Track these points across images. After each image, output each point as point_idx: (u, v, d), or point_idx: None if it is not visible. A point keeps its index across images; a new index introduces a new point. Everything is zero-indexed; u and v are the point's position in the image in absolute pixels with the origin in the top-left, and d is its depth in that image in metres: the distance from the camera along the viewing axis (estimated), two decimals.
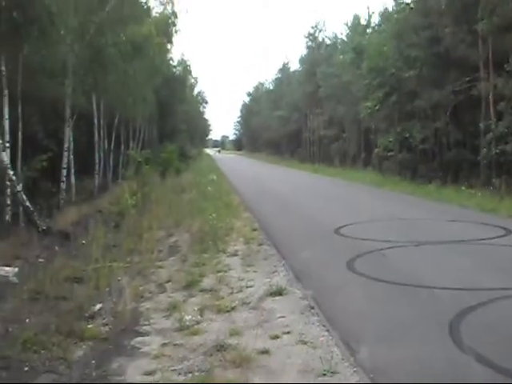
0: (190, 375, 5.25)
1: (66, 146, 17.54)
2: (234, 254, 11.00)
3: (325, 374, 5.10)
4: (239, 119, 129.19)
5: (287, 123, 69.00)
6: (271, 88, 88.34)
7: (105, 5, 17.29)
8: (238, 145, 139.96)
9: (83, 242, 12.31)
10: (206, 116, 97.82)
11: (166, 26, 30.32)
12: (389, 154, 31.88)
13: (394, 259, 10.12)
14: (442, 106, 26.29)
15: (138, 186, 20.87)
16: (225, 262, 10.23)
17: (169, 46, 32.24)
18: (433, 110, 27.18)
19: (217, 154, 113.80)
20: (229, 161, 73.92)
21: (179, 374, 5.34)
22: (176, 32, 31.24)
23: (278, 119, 72.11)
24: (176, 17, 29.83)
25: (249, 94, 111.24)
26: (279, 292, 7.89)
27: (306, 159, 59.32)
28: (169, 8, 30.11)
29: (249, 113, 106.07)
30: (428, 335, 6.09)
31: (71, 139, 18.40)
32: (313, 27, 59.76)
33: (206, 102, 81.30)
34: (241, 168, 52.54)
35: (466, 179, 24.78)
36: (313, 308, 7.15)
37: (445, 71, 26.03)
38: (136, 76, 21.72)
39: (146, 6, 22.57)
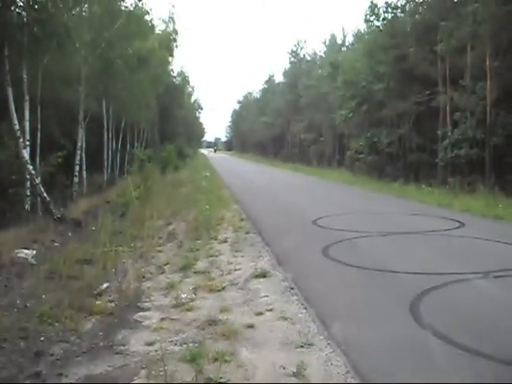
0: (185, 346, 5.23)
1: (78, 144, 17.43)
2: (224, 241, 10.95)
3: (302, 346, 5.10)
4: (230, 123, 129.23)
5: (272, 128, 68.89)
6: (258, 97, 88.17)
7: (115, 22, 17.16)
8: (228, 146, 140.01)
9: (93, 228, 12.23)
10: (201, 120, 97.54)
11: (167, 42, 30.22)
12: (359, 155, 31.93)
13: (363, 247, 10.12)
14: (406, 114, 26.41)
15: (141, 180, 20.77)
16: (216, 248, 10.18)
17: (170, 59, 32.20)
18: (398, 118, 27.32)
19: (211, 153, 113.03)
20: (221, 160, 73.71)
21: (175, 344, 5.32)
22: (176, 47, 31.24)
23: (263, 124, 71.95)
24: (177, 33, 29.81)
25: (239, 102, 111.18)
26: (263, 274, 7.88)
27: (287, 159, 59.31)
28: (170, 26, 30.05)
29: (238, 118, 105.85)
30: (392, 313, 6.10)
31: (83, 139, 18.26)
32: (295, 45, 59.99)
33: (202, 108, 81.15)
34: (231, 166, 52.44)
35: (426, 179, 24.92)
36: (292, 289, 7.14)
37: (409, 85, 26.11)
38: (140, 85, 21.64)
39: (150, 24, 22.45)
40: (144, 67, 21.02)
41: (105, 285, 7.47)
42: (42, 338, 5.54)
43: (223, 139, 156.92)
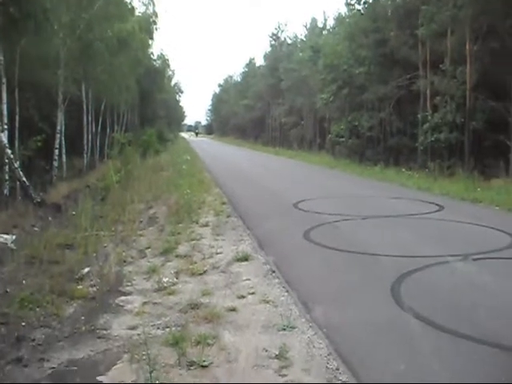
0: (168, 329, 5.23)
1: (58, 128, 17.17)
2: (206, 225, 10.91)
3: (284, 329, 5.12)
4: (210, 107, 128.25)
5: (252, 111, 68.59)
6: (239, 80, 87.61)
7: (93, 3, 16.81)
8: (209, 129, 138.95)
9: (73, 213, 12.07)
10: (182, 104, 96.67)
11: (147, 24, 29.78)
12: (340, 139, 31.93)
13: (345, 230, 10.19)
14: (386, 98, 26.46)
15: (122, 164, 20.58)
16: (197, 232, 10.14)
17: (150, 42, 31.77)
18: (379, 102, 27.35)
19: (192, 137, 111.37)
20: (201, 143, 73.32)
21: (158, 328, 5.32)
22: (156, 29, 30.82)
23: (244, 107, 71.57)
24: (156, 16, 29.40)
25: (219, 85, 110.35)
26: (245, 258, 7.88)
27: (268, 143, 59.23)
28: (150, 8, 29.59)
29: (219, 101, 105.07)
30: (373, 296, 6.15)
31: (63, 122, 17.98)
32: (276, 28, 59.52)
33: (182, 92, 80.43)
34: (212, 149, 52.14)
35: (406, 162, 25.13)
36: (274, 272, 7.16)
37: (389, 69, 26.16)
38: (121, 67, 21.30)
39: (130, 6, 22.08)
40: (124, 50, 20.71)
41: (86, 269, 7.42)
42: (23, 324, 5.48)
43: (203, 123, 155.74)
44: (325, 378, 4.16)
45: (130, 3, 22.15)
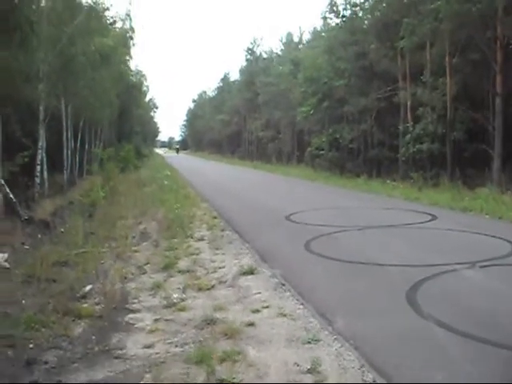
0: (187, 347, 5.06)
1: (40, 144, 16.81)
2: (201, 239, 10.76)
3: (309, 342, 4.99)
4: (185, 122, 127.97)
5: (228, 126, 68.70)
6: (213, 95, 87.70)
7: (75, 17, 16.55)
8: (183, 145, 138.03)
9: (62, 230, 11.83)
10: (156, 120, 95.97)
11: (124, 40, 29.52)
12: (320, 152, 32.07)
13: (344, 242, 10.12)
14: (367, 110, 26.71)
15: (104, 180, 20.29)
16: (194, 246, 9.98)
17: (127, 57, 31.49)
18: (359, 114, 27.59)
19: (167, 153, 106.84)
20: (178, 159, 72.92)
21: (176, 346, 5.13)
22: (133, 45, 30.56)
23: (220, 122, 71.57)
24: (133, 31, 29.09)
25: (194, 101, 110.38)
26: (251, 271, 7.74)
27: (245, 157, 59.25)
28: (127, 23, 29.29)
29: (194, 116, 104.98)
30: (391, 305, 6.07)
31: (44, 138, 17.61)
32: (251, 43, 59.85)
33: (157, 107, 79.94)
34: (190, 165, 51.76)
35: (387, 174, 25.33)
36: (284, 285, 7.03)
37: (369, 81, 26.46)
38: (103, 82, 20.98)
39: (111, 20, 21.80)
40: (106, 64, 20.42)
41: (88, 287, 7.17)
42: (31, 346, 5.24)
43: (177, 138, 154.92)
44: None
45: (112, 17, 21.91)
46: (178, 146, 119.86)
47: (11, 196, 11.86)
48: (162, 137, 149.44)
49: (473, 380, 4.16)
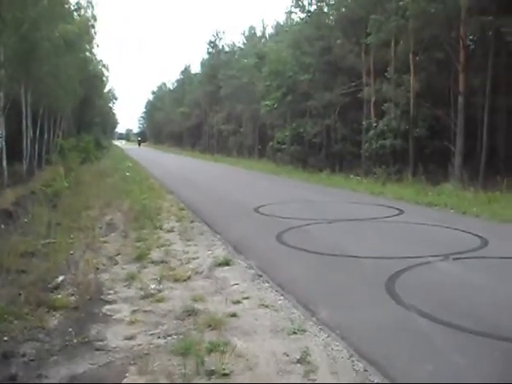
0: (170, 338, 4.95)
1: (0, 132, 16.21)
2: (171, 231, 10.60)
3: (295, 333, 4.96)
4: (144, 114, 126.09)
5: (189, 118, 68.19)
6: (174, 87, 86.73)
7: (38, 1, 15.94)
8: (142, 137, 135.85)
9: (25, 220, 11.45)
10: (114, 111, 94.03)
11: (87, 28, 28.75)
12: (282, 146, 32.14)
13: (316, 234, 10.15)
14: (331, 105, 26.91)
15: (66, 170, 19.78)
16: (165, 238, 9.82)
17: (93, 45, 30.72)
18: (324, 108, 27.74)
19: (126, 146, 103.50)
20: (138, 151, 71.92)
21: (158, 337, 5.01)
22: (95, 33, 29.80)
23: (180, 114, 70.93)
24: (95, 20, 28.36)
25: (153, 92, 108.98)
26: (226, 263, 7.66)
27: (205, 150, 58.93)
28: (89, 11, 28.52)
29: (153, 108, 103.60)
30: (371, 296, 6.11)
31: (3, 127, 16.98)
32: (214, 35, 59.39)
33: (116, 99, 78.24)
34: (150, 157, 51.01)
35: (350, 169, 25.61)
36: (261, 276, 6.99)
37: (334, 76, 26.67)
38: (67, 69, 20.33)
39: (75, 6, 21.12)
40: (71, 51, 19.77)
41: (60, 278, 6.95)
42: (5, 338, 5.02)
43: (135, 130, 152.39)
44: (357, 380, 4.03)
45: (77, 3, 21.23)
46: (139, 138, 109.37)
47: None
48: (120, 129, 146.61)
49: (463, 370, 4.21)
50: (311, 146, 30.11)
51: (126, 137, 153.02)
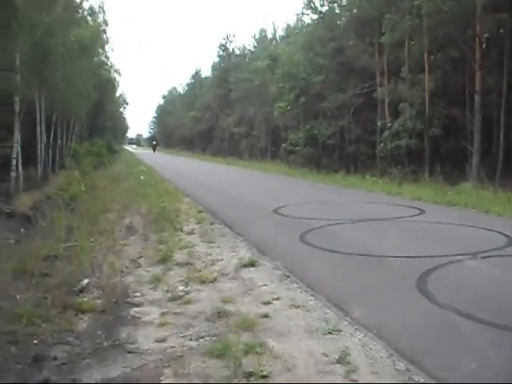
0: (202, 340, 4.86)
1: (15, 137, 16.25)
2: (191, 233, 10.51)
3: (331, 333, 4.85)
4: (154, 119, 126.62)
5: (200, 122, 68.31)
6: (185, 91, 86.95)
7: (53, 7, 15.98)
8: (152, 142, 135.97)
9: (44, 224, 11.43)
10: (125, 116, 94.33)
11: (98, 33, 28.86)
12: (295, 148, 32.00)
13: (340, 234, 10.02)
14: (345, 106, 26.76)
15: (81, 175, 19.82)
16: (186, 240, 9.73)
17: (107, 49, 30.80)
18: (338, 110, 27.59)
19: (136, 150, 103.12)
20: (149, 155, 71.93)
21: (190, 339, 4.91)
22: (107, 39, 29.87)
23: (191, 118, 71.06)
24: (107, 25, 28.43)
25: (163, 97, 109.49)
26: (252, 264, 7.55)
27: (217, 154, 58.92)
28: (101, 17, 28.60)
29: (164, 113, 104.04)
30: (403, 295, 6.01)
31: (19, 132, 17.05)
32: (224, 38, 59.49)
33: (127, 103, 78.62)
34: (162, 161, 50.99)
35: (364, 169, 25.43)
36: (288, 277, 6.88)
37: (347, 77, 26.53)
38: (82, 74, 20.37)
39: (89, 11, 21.20)
40: (85, 56, 19.81)
41: (85, 281, 6.88)
42: (35, 341, 4.95)
43: (145, 135, 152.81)
44: (399, 380, 3.92)
45: (90, 8, 21.32)
46: (154, 142, 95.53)
47: None
48: (130, 134, 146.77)
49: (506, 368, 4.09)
50: (325, 147, 29.97)
51: (137, 142, 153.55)
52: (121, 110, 75.40)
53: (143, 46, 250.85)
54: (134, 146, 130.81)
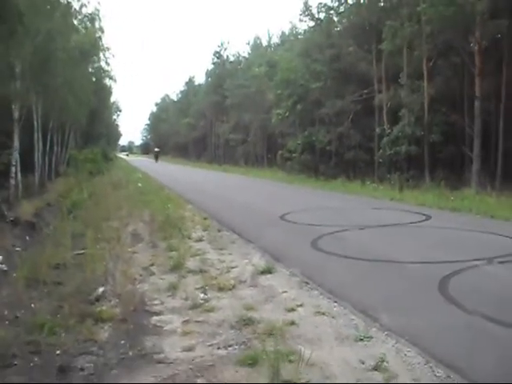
0: (231, 348, 4.77)
1: (14, 144, 16.09)
2: (200, 240, 10.41)
3: (362, 339, 4.79)
4: (147, 126, 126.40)
5: (194, 129, 68.22)
6: (178, 98, 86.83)
7: (53, 13, 15.88)
8: (145, 149, 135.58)
9: (48, 232, 11.30)
10: (118, 123, 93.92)
11: (93, 40, 28.70)
12: (292, 155, 31.93)
13: (350, 240, 9.96)
14: (343, 113, 26.77)
15: (78, 182, 19.72)
16: (196, 247, 9.62)
17: (107, 55, 30.58)
18: (336, 116, 27.60)
19: (128, 157, 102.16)
20: (144, 162, 71.68)
21: (218, 348, 4.82)
22: (103, 46, 29.69)
23: (186, 125, 70.95)
24: (103, 32, 28.26)
25: (156, 104, 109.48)
26: (268, 270, 7.47)
27: (212, 161, 58.81)
28: (96, 24, 28.44)
29: (157, 120, 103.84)
30: (428, 301, 5.94)
31: (18, 139, 16.88)
32: (218, 46, 59.59)
33: (120, 111, 78.27)
34: (158, 168, 50.77)
35: (363, 175, 25.41)
36: (308, 283, 6.81)
37: (345, 84, 26.55)
38: (82, 80, 20.21)
39: (89, 17, 21.08)
40: (85, 62, 19.68)
41: (100, 289, 6.77)
42: (57, 351, 4.84)
43: (137, 143, 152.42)
44: None
45: (90, 14, 21.21)
46: (157, 149, 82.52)
47: None
48: (122, 141, 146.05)
49: None
50: (322, 154, 29.92)
51: (129, 149, 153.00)
52: (114, 117, 75.22)
53: (134, 53, 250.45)
54: (127, 153, 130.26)
